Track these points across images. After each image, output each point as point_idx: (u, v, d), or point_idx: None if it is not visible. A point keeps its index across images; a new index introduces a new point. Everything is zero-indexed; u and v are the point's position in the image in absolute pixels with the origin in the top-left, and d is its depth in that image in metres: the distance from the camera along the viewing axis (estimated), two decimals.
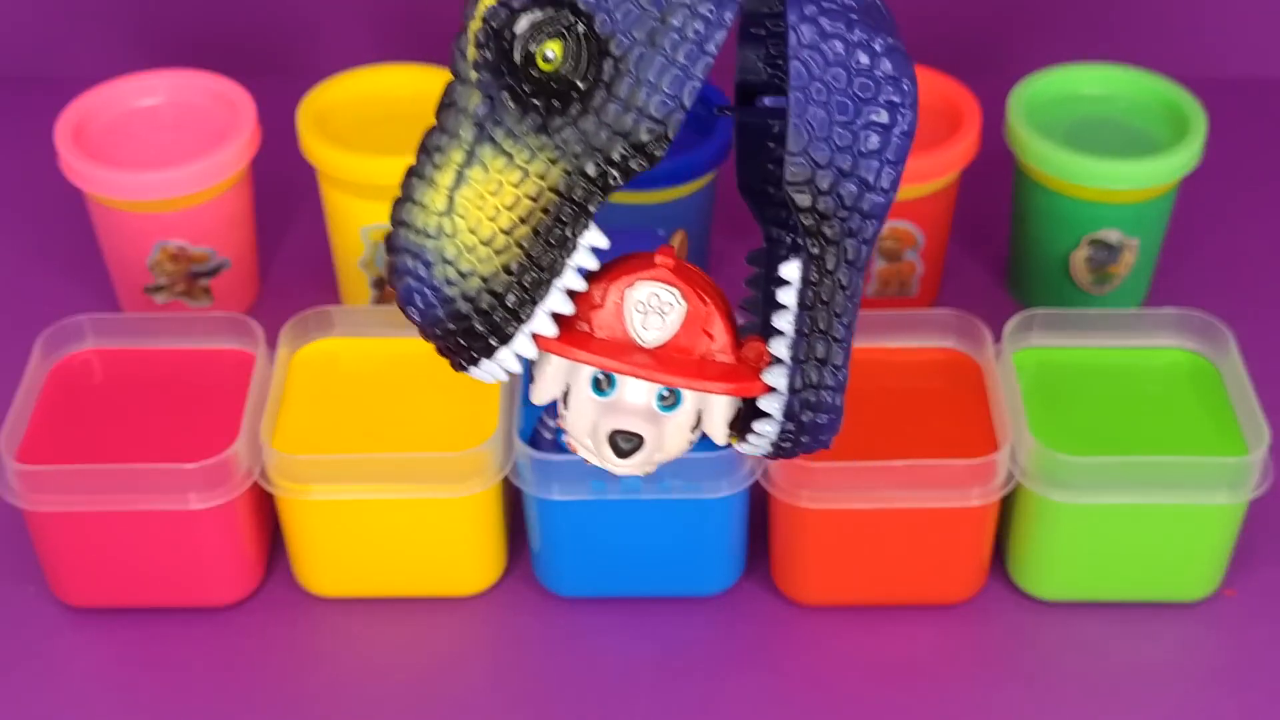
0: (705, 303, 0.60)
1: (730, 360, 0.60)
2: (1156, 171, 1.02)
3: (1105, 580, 0.92)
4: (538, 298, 0.57)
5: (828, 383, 0.58)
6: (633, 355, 0.59)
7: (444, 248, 0.56)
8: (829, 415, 0.58)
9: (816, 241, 0.56)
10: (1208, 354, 0.95)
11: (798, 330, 0.58)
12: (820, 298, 0.57)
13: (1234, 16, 1.29)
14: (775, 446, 0.60)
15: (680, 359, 0.60)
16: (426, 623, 0.93)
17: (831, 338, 0.58)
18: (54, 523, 0.89)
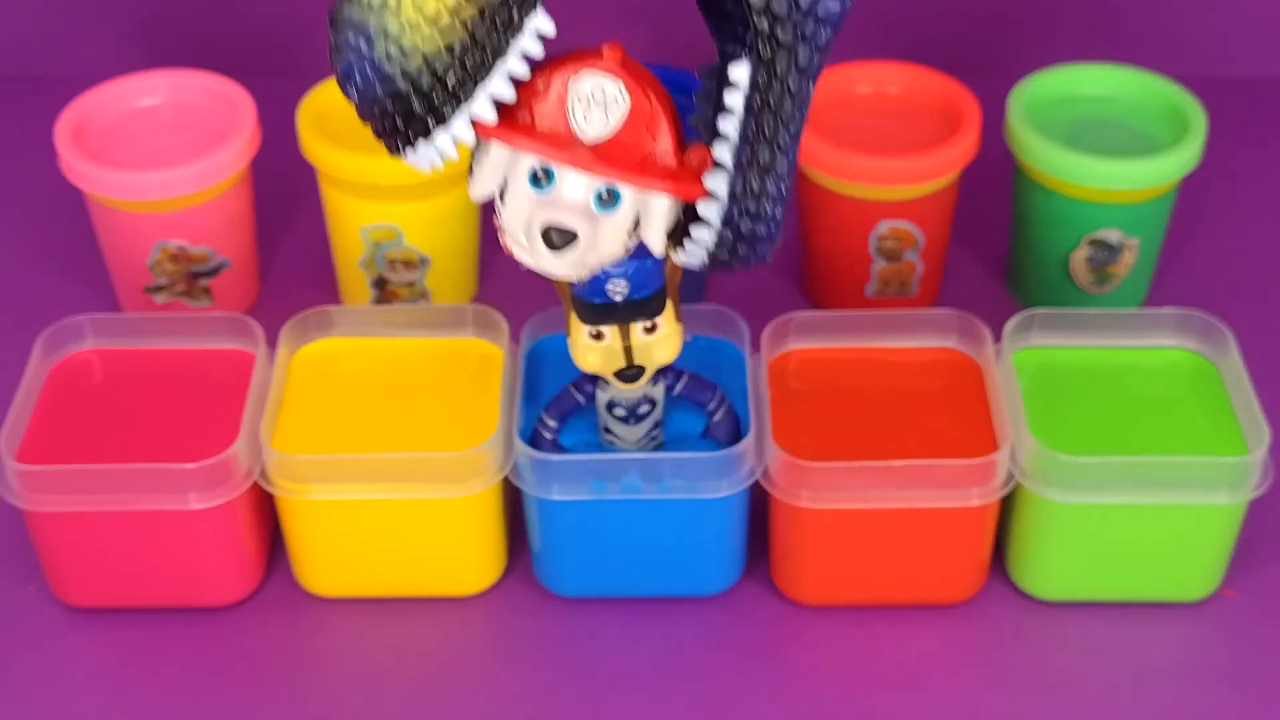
0: (650, 101, 0.59)
1: (673, 163, 0.58)
2: (1156, 171, 1.02)
3: (1105, 580, 0.92)
4: (478, 79, 0.55)
5: (770, 191, 0.57)
6: (573, 148, 0.58)
7: (387, 22, 0.54)
8: (768, 226, 0.57)
9: (768, 45, 0.55)
10: (1208, 354, 0.95)
11: (742, 135, 0.56)
12: (768, 103, 0.56)
13: (1234, 17, 1.29)
14: (712, 256, 0.58)
15: (621, 156, 0.58)
16: (426, 623, 0.93)
17: (776, 145, 0.56)
18: (54, 523, 0.89)
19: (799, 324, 0.96)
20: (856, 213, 1.04)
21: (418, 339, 0.97)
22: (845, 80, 1.09)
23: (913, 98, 1.09)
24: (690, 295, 1.09)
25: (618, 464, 0.88)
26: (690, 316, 0.93)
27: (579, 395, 0.89)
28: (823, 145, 1.02)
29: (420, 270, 1.06)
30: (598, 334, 0.85)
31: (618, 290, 0.84)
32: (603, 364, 0.86)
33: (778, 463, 0.88)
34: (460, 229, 1.07)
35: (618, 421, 0.89)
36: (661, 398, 0.89)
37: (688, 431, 0.91)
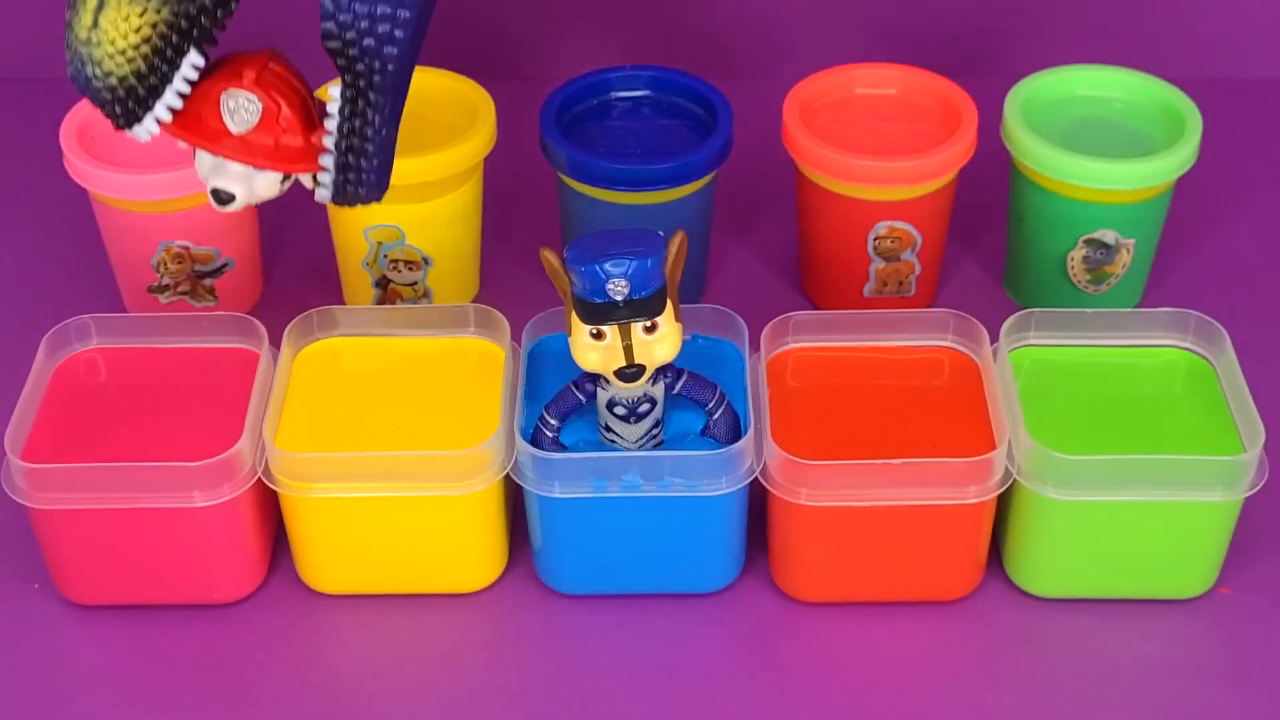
0: (278, 105, 0.82)
1: (300, 143, 0.82)
2: (1152, 172, 1.02)
3: (1101, 577, 0.92)
4: (155, 95, 0.80)
5: (363, 164, 0.82)
6: (223, 140, 0.82)
7: (92, 53, 0.78)
8: (367, 176, 0.82)
9: (351, 75, 0.80)
10: (1203, 353, 0.96)
11: (338, 130, 0.81)
12: (355, 109, 0.81)
13: (1230, 19, 1.30)
14: (336, 189, 0.83)
15: (258, 144, 0.82)
16: (428, 619, 0.93)
17: (365, 132, 0.81)
18: (59, 520, 0.90)
19: (798, 323, 0.96)
20: (855, 213, 1.05)
21: (420, 338, 0.97)
22: (844, 82, 1.09)
23: (910, 99, 1.09)
24: (690, 295, 1.10)
25: (618, 462, 0.88)
26: (690, 316, 0.94)
27: (580, 394, 0.89)
28: (821, 146, 1.03)
29: (422, 270, 1.07)
30: (598, 333, 0.86)
31: (618, 290, 0.84)
32: (603, 363, 0.86)
33: (776, 461, 0.89)
34: (462, 229, 1.08)
35: (618, 420, 0.89)
36: (661, 396, 0.89)
37: (687, 430, 0.91)
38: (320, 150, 0.83)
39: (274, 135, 0.82)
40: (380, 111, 0.81)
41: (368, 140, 0.82)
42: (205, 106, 0.82)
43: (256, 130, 0.82)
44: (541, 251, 0.85)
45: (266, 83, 0.82)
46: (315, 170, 0.83)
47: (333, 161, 0.82)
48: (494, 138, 1.06)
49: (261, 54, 0.83)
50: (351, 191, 0.83)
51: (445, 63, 1.11)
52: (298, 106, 0.83)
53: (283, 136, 0.82)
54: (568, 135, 1.06)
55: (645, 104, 1.10)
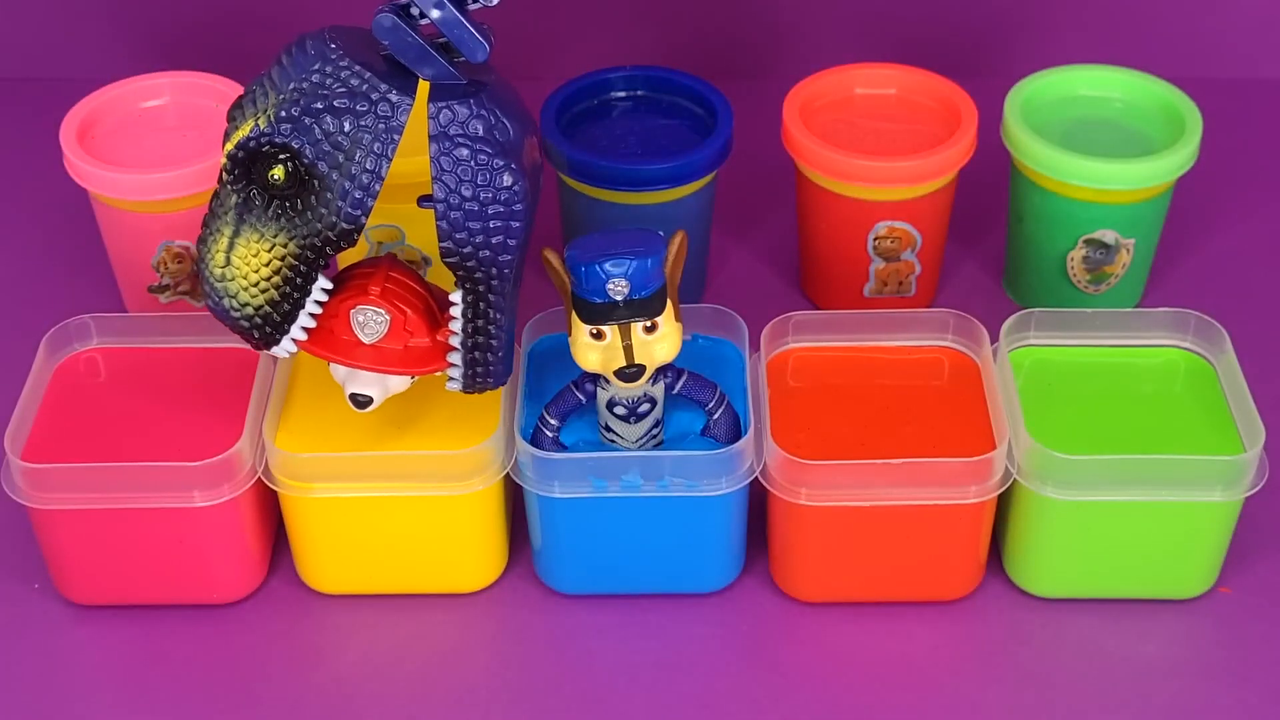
0: (404, 313, 0.86)
1: (427, 344, 0.87)
2: (1152, 172, 1.02)
3: (1101, 577, 0.92)
4: (290, 320, 0.85)
5: (489, 358, 0.86)
6: (356, 352, 0.86)
7: (229, 288, 0.85)
8: (494, 367, 0.87)
9: (471, 283, 0.84)
10: (1203, 353, 0.96)
11: (464, 330, 0.86)
12: (477, 311, 0.85)
13: (1229, 18, 1.30)
14: (466, 382, 0.87)
15: (389, 351, 0.87)
16: (428, 619, 0.93)
17: (489, 330, 0.85)
18: (59, 520, 0.90)
19: (798, 323, 0.96)
20: (855, 213, 1.05)
21: None
22: (844, 82, 1.09)
23: (910, 99, 1.09)
24: (690, 295, 1.10)
25: (618, 462, 0.88)
26: (690, 316, 0.94)
27: (580, 394, 0.89)
28: (821, 146, 1.03)
29: (422, 270, 1.06)
30: (598, 333, 0.86)
31: (618, 290, 0.84)
32: (603, 363, 0.86)
33: (776, 460, 0.89)
34: None
35: (618, 420, 0.89)
36: (661, 396, 0.89)
37: (687, 430, 0.91)
38: (447, 348, 0.87)
39: (402, 341, 0.87)
40: (501, 310, 0.85)
41: (492, 337, 0.86)
42: (336, 322, 0.86)
43: (386, 338, 0.86)
44: (542, 251, 0.86)
45: (391, 294, 0.86)
46: (444, 368, 0.87)
47: (461, 358, 0.86)
48: None
49: (381, 265, 0.88)
50: (481, 382, 0.87)
51: None
52: (421, 310, 0.87)
53: (410, 340, 0.87)
54: (568, 135, 1.06)
55: (645, 104, 1.10)
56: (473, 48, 0.83)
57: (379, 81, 0.82)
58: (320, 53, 0.83)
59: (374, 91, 0.82)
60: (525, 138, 0.85)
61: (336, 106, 0.82)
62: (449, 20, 0.83)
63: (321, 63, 0.83)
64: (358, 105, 0.82)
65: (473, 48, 0.83)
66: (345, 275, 0.88)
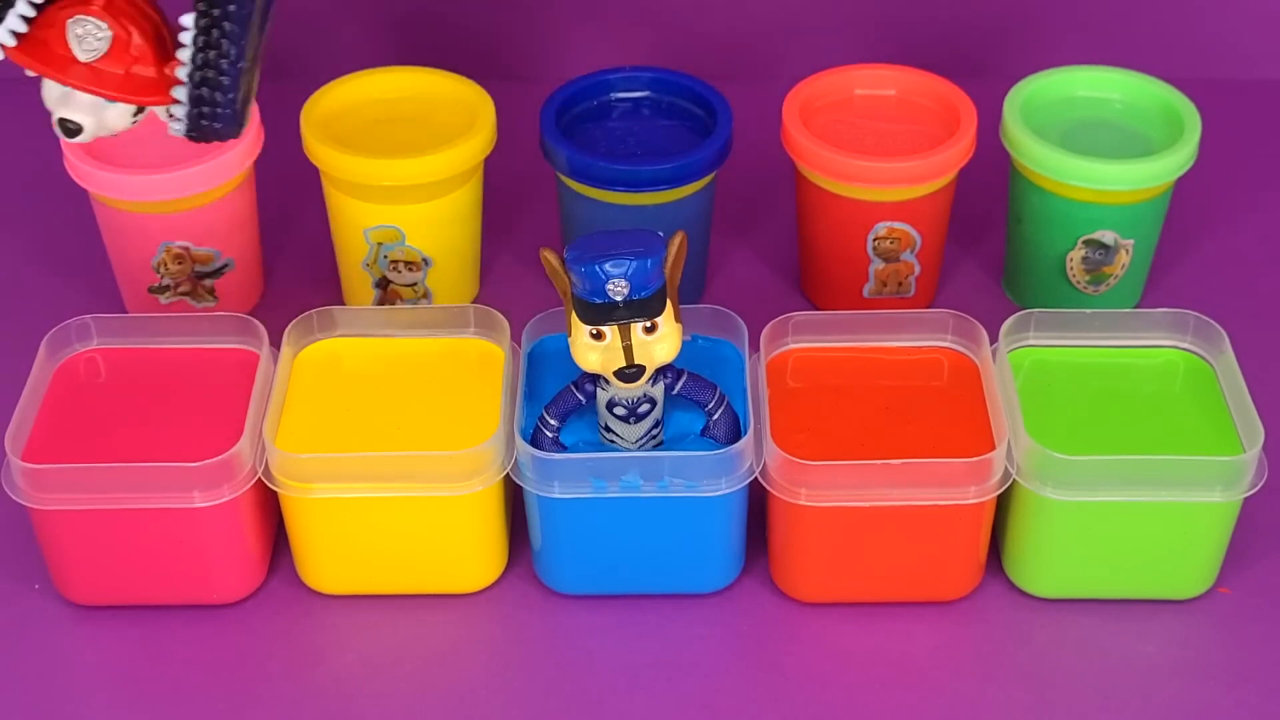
0: (129, 32, 0.78)
1: (152, 74, 0.79)
2: (1152, 173, 1.02)
3: (1101, 578, 0.93)
4: None
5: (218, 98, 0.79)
6: (70, 68, 0.79)
7: None
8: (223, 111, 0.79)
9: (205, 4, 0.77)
10: (1202, 353, 0.96)
11: (192, 60, 0.78)
12: (209, 40, 0.77)
13: (1229, 19, 1.30)
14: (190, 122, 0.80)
15: (107, 74, 0.79)
16: (428, 620, 0.93)
17: (220, 64, 0.78)
18: (59, 521, 0.90)
19: (797, 324, 0.96)
20: (854, 213, 1.05)
21: (420, 339, 0.97)
22: (843, 83, 1.10)
23: (910, 100, 1.09)
24: (690, 295, 1.10)
25: (618, 462, 0.89)
26: (689, 316, 0.94)
27: (579, 394, 0.89)
28: (821, 147, 1.03)
29: (422, 271, 1.07)
30: (598, 333, 0.86)
31: (618, 290, 0.84)
32: (603, 363, 0.87)
33: (776, 461, 0.89)
34: (462, 230, 1.08)
35: (618, 420, 0.89)
36: (661, 397, 0.89)
37: (687, 430, 0.91)
38: (173, 82, 0.79)
39: (124, 65, 0.79)
40: (236, 42, 0.78)
41: (223, 72, 0.78)
42: (52, 32, 0.79)
43: (106, 59, 0.79)
44: (541, 251, 0.86)
45: (117, 9, 0.79)
46: (168, 103, 0.80)
47: (186, 94, 0.79)
48: (494, 138, 1.06)
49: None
50: (207, 126, 0.80)
51: (445, 63, 1.11)
52: (150, 35, 0.80)
53: (134, 66, 0.79)
54: (568, 136, 1.06)
55: (645, 105, 1.10)
56: None
57: None
58: None
59: None
60: None
61: None
62: None
63: None
64: None
65: None
66: None
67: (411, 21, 1.31)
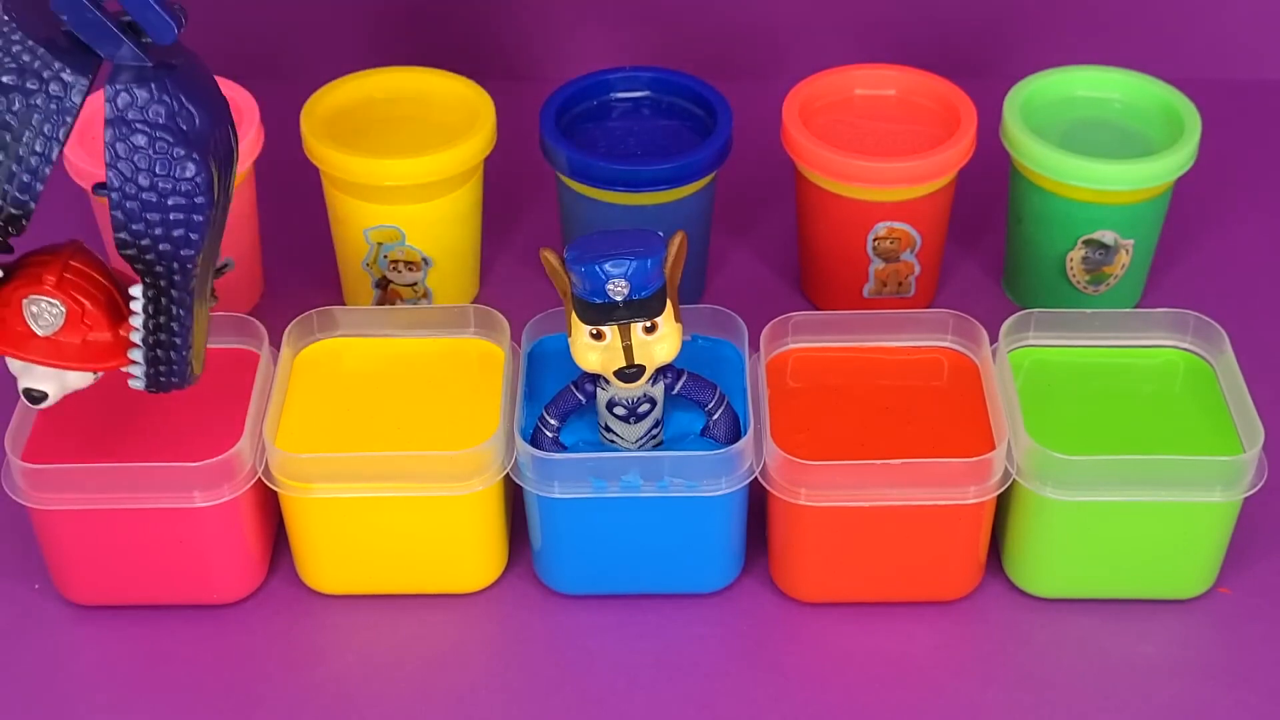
0: (82, 305, 0.82)
1: (108, 338, 0.83)
2: (1152, 173, 1.02)
3: (1101, 578, 0.93)
4: None
5: (173, 356, 0.82)
6: (29, 344, 0.82)
7: None
8: (178, 367, 0.83)
9: (151, 276, 0.80)
10: (1202, 353, 0.96)
11: (145, 326, 0.81)
12: (159, 307, 0.81)
13: (1229, 19, 1.30)
14: (149, 380, 0.83)
15: (65, 345, 0.82)
16: (428, 619, 0.93)
17: (171, 327, 0.81)
18: (59, 521, 0.90)
19: (797, 324, 0.96)
20: (854, 213, 1.05)
21: (420, 339, 0.97)
22: (843, 83, 1.10)
23: (910, 100, 1.09)
24: (690, 295, 1.10)
25: (618, 462, 0.89)
26: (690, 316, 0.94)
27: (579, 394, 0.89)
28: (821, 147, 1.03)
29: (422, 271, 1.07)
30: (598, 333, 0.86)
31: (618, 290, 0.84)
32: (603, 363, 0.87)
33: (776, 461, 0.89)
34: (462, 230, 1.08)
35: (618, 420, 0.89)
36: (661, 397, 0.89)
37: (687, 430, 0.91)
38: (128, 344, 0.83)
39: (80, 334, 0.83)
40: (184, 305, 0.81)
41: (175, 334, 0.82)
42: (8, 311, 0.82)
43: (62, 331, 0.82)
44: (541, 251, 0.86)
45: (68, 285, 0.82)
46: (125, 364, 0.84)
47: (142, 355, 0.83)
48: (494, 138, 1.06)
49: (61, 253, 0.83)
50: (165, 381, 0.84)
51: (445, 63, 1.11)
52: (102, 303, 0.83)
53: (89, 334, 0.83)
54: (568, 136, 1.06)
55: (645, 105, 1.10)
56: (160, 29, 0.77)
57: (52, 59, 0.77)
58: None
59: (46, 69, 0.77)
60: (215, 128, 0.80)
61: (4, 83, 0.77)
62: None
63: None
64: (27, 83, 0.77)
65: (160, 29, 0.77)
66: (22, 261, 0.83)
67: (412, 21, 1.31)
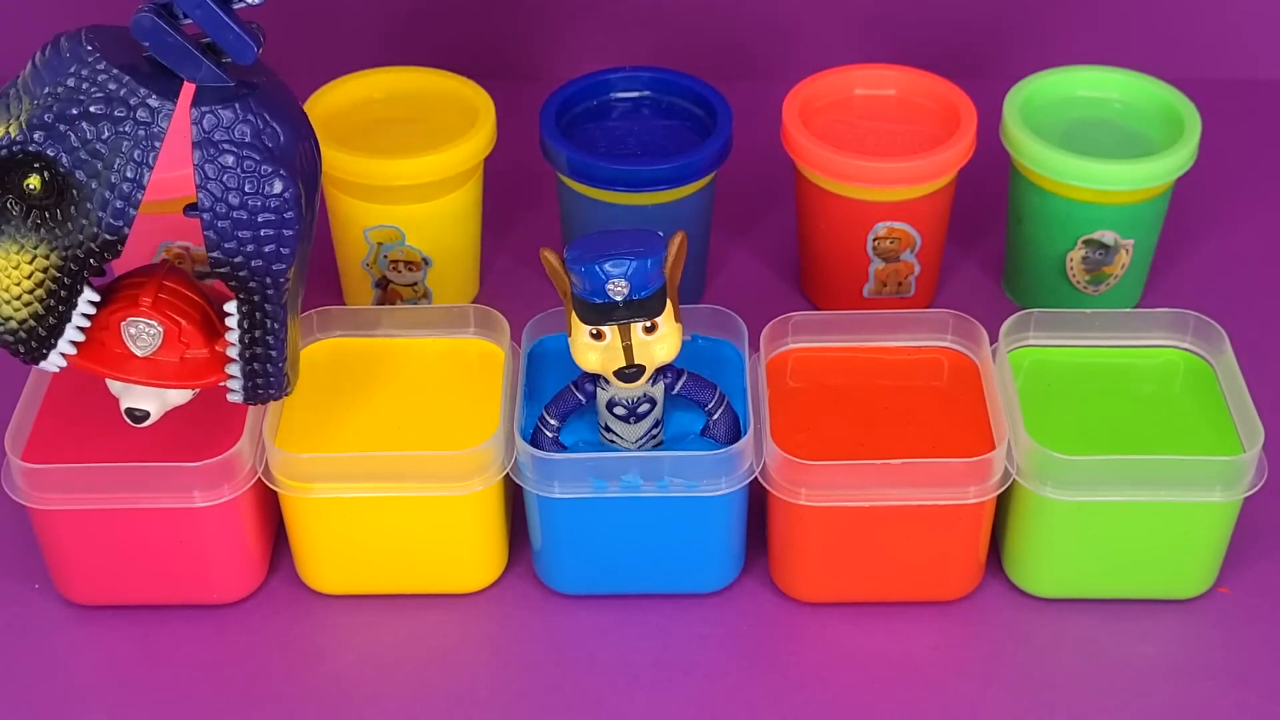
0: (178, 324, 0.83)
1: (205, 355, 0.85)
2: (1151, 173, 1.02)
3: (1100, 578, 0.93)
4: (57, 334, 0.82)
5: (269, 369, 0.84)
6: (129, 365, 0.84)
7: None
8: (274, 378, 0.85)
9: (245, 292, 0.82)
10: (1202, 353, 0.96)
11: (240, 341, 0.83)
12: (254, 321, 0.82)
13: (1229, 19, 1.30)
14: (247, 393, 0.85)
15: (164, 364, 0.84)
16: (428, 619, 0.93)
17: (266, 340, 0.83)
18: (59, 521, 0.90)
19: (797, 324, 0.96)
20: (854, 213, 1.05)
21: (420, 339, 0.97)
22: (843, 83, 1.10)
23: (910, 100, 1.09)
24: (690, 295, 1.10)
25: (618, 462, 0.89)
26: (689, 316, 0.94)
27: (579, 394, 0.89)
28: (821, 147, 1.03)
29: (422, 271, 1.07)
30: (598, 333, 0.86)
31: (618, 290, 0.84)
32: (603, 363, 0.87)
33: (776, 461, 0.89)
34: (462, 230, 1.08)
35: (618, 420, 0.89)
36: (661, 396, 0.89)
37: (687, 430, 0.91)
38: (226, 359, 0.84)
39: (178, 353, 0.84)
40: (278, 319, 0.83)
41: (270, 348, 0.84)
42: (106, 335, 0.83)
43: (161, 351, 0.84)
44: (541, 251, 0.86)
45: (164, 304, 0.84)
46: (223, 379, 0.85)
47: (239, 369, 0.84)
48: (494, 138, 1.06)
49: (155, 274, 0.85)
50: (262, 393, 0.85)
51: (445, 63, 1.11)
52: (198, 320, 0.85)
53: (186, 352, 0.85)
54: (568, 135, 1.06)
55: (645, 105, 1.10)
56: (239, 49, 0.80)
57: (138, 85, 0.79)
58: (76, 54, 0.79)
59: (132, 96, 0.79)
60: (299, 143, 0.82)
61: (93, 113, 0.78)
62: (211, 20, 0.79)
63: (78, 65, 0.79)
64: (115, 111, 0.79)
65: (239, 49, 0.80)
66: (117, 284, 0.85)
67: (411, 21, 1.31)
